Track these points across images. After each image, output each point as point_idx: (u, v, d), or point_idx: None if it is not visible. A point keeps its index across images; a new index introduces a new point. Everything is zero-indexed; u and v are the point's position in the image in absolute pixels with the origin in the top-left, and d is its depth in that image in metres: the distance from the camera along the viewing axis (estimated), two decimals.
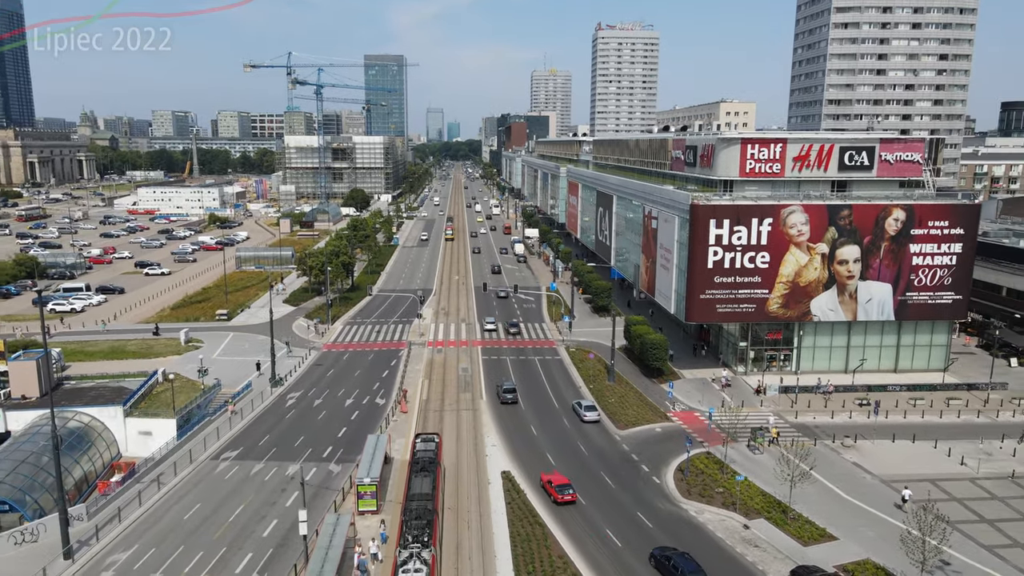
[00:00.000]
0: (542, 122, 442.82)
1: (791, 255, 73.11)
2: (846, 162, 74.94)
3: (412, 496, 45.34)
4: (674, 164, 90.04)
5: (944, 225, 73.56)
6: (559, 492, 50.11)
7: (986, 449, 58.41)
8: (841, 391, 71.66)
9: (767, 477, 53.16)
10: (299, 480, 45.15)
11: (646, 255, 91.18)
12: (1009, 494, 51.39)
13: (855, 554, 43.52)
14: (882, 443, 59.90)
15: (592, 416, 65.42)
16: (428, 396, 71.05)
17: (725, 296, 73.51)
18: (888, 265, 73.88)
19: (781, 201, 72.71)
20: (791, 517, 47.44)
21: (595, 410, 66.39)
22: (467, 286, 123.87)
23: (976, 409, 67.31)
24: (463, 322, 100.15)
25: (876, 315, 74.75)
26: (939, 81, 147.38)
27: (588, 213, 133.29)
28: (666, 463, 56.32)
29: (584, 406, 66.72)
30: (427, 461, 49.89)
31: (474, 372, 78.55)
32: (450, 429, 62.91)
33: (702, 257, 72.88)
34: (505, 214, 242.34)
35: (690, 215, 72.99)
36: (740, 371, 76.73)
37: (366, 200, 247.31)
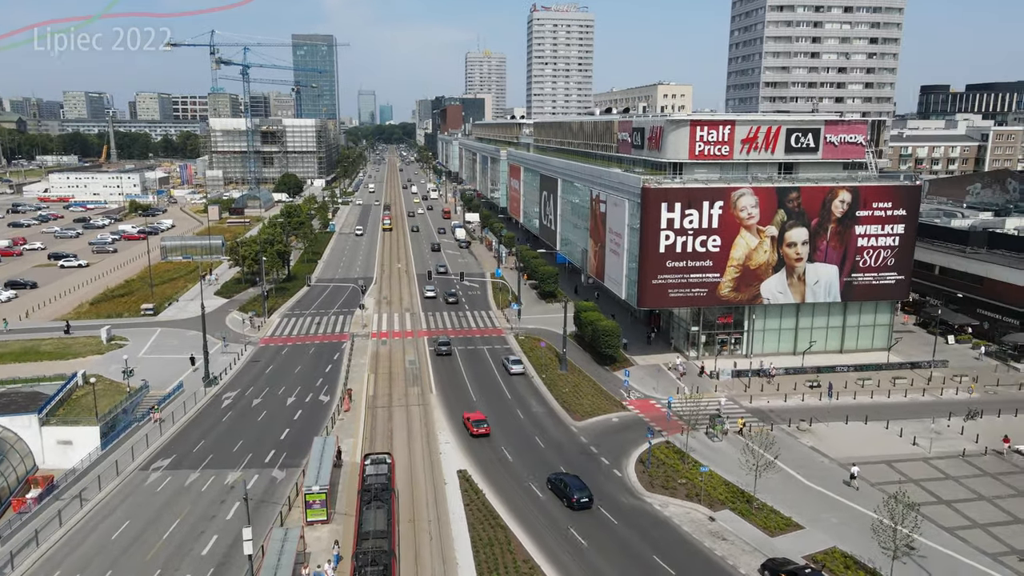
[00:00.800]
0: (478, 105, 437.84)
1: (742, 238, 72.61)
2: (792, 144, 74.77)
3: (364, 534, 39.50)
4: (621, 147, 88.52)
5: (888, 207, 74.33)
6: (475, 426, 57.94)
7: (935, 428, 59.17)
8: (792, 373, 71.83)
9: (728, 465, 52.33)
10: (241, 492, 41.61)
11: (594, 240, 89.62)
12: (962, 473, 51.97)
13: (822, 542, 42.94)
14: (836, 425, 60.01)
15: (518, 369, 73.21)
16: (375, 392, 67.77)
17: (677, 281, 72.54)
18: (835, 247, 74.25)
19: (731, 184, 72.02)
20: (756, 507, 46.62)
21: (520, 363, 74.39)
22: (409, 274, 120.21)
23: (921, 388, 68.42)
24: (407, 312, 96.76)
25: (823, 297, 75.19)
26: (870, 64, 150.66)
27: (531, 197, 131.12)
28: (626, 454, 54.87)
29: (511, 360, 74.42)
30: (379, 488, 43.81)
31: (422, 364, 75.55)
32: (400, 426, 59.94)
33: (654, 241, 71.64)
34: (444, 199, 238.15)
35: (641, 199, 71.53)
36: (692, 356, 76.13)
37: (299, 185, 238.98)
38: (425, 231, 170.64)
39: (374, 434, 58.35)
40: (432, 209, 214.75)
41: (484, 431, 57.58)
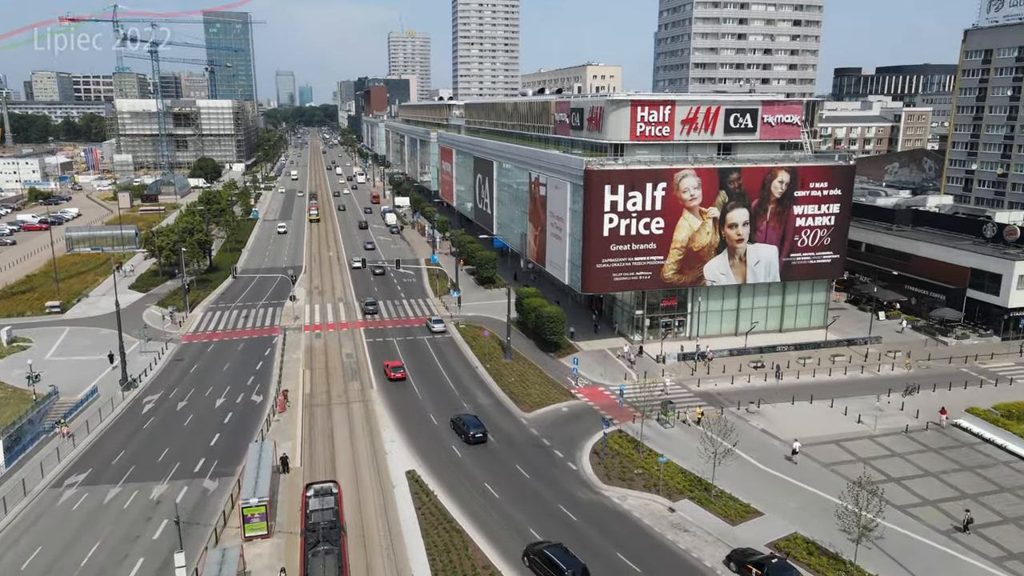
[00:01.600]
0: (402, 86, 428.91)
1: (684, 220, 71.95)
2: (731, 125, 74.40)
3: None
4: (558, 128, 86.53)
5: (824, 186, 75.07)
6: (393, 372, 65.71)
7: (877, 405, 60.06)
8: (735, 355, 71.94)
9: (684, 453, 51.51)
10: (169, 507, 37.89)
11: (534, 223, 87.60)
12: (907, 449, 52.73)
13: (783, 528, 42.48)
14: (783, 406, 60.16)
15: (439, 328, 79.36)
16: (311, 389, 64.01)
17: (621, 264, 71.35)
18: (774, 227, 74.56)
19: (674, 165, 71.10)
20: (714, 495, 45.84)
21: (441, 323, 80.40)
22: (341, 262, 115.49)
23: (859, 365, 69.60)
24: (340, 302, 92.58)
25: (764, 277, 75.54)
26: (793, 47, 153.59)
27: (465, 180, 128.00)
28: (579, 446, 53.32)
29: (433, 320, 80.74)
30: (327, 527, 38.00)
31: (360, 357, 72.04)
32: (341, 425, 56.59)
33: (597, 225, 70.11)
34: (371, 183, 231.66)
35: (584, 181, 69.79)
36: (637, 340, 75.30)
37: (217, 170, 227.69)
38: (352, 211, 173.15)
39: (313, 435, 54.85)
40: (357, 189, 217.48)
41: (400, 376, 65.77)
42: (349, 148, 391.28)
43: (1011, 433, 52.11)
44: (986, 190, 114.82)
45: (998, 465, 50.16)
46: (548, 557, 37.57)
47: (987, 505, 45.26)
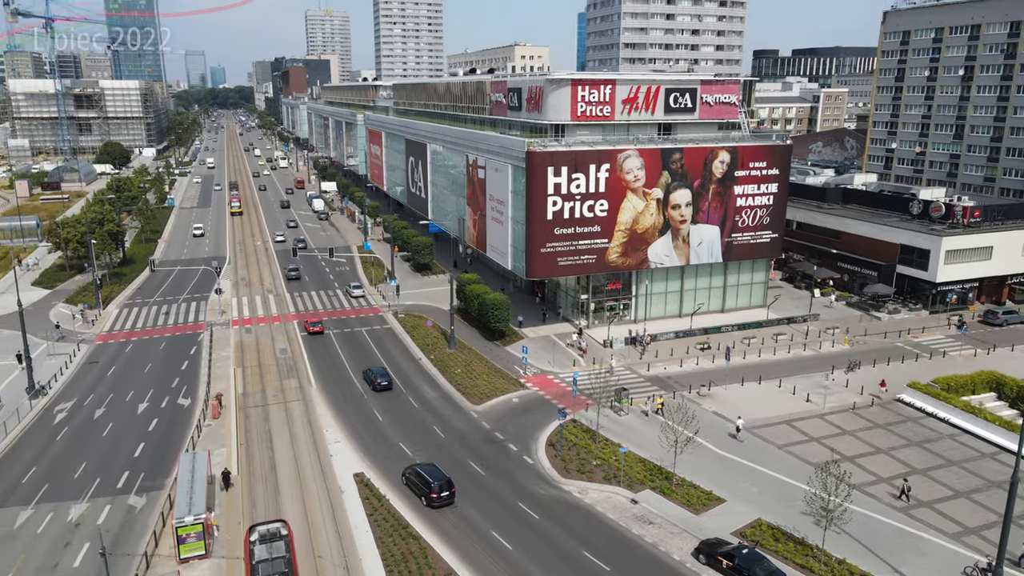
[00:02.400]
0: (323, 67, 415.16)
1: (628, 202, 70.81)
2: (671, 104, 73.51)
3: None
4: (495, 108, 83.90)
5: (763, 166, 75.27)
6: (312, 327, 72.30)
7: (823, 383, 60.62)
8: (681, 336, 71.60)
9: (640, 441, 50.46)
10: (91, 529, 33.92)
11: (472, 208, 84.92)
12: (856, 426, 53.24)
13: (746, 515, 41.87)
14: (733, 387, 59.98)
15: (359, 292, 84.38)
16: (245, 389, 59.87)
17: (566, 249, 69.69)
18: (716, 207, 74.37)
19: (617, 146, 69.73)
20: (676, 483, 44.88)
21: (361, 287, 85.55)
22: (268, 252, 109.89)
23: (801, 343, 70.35)
24: (270, 293, 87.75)
25: (706, 258, 75.38)
26: (720, 27, 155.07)
27: (396, 164, 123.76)
28: (534, 438, 51.53)
29: (352, 285, 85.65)
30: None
31: (295, 353, 68.09)
32: (280, 428, 52.95)
33: (541, 208, 68.15)
34: (295, 167, 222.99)
35: (526, 163, 67.56)
36: (583, 324, 74.02)
37: (125, 155, 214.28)
38: (273, 191, 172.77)
39: (250, 440, 51.06)
40: (277, 171, 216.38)
41: (318, 329, 72.33)
42: (268, 131, 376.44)
43: (953, 406, 53.25)
44: (905, 168, 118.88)
45: (943, 439, 51.17)
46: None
47: (938, 480, 45.97)
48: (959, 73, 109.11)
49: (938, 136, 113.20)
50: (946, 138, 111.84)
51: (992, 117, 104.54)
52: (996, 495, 44.01)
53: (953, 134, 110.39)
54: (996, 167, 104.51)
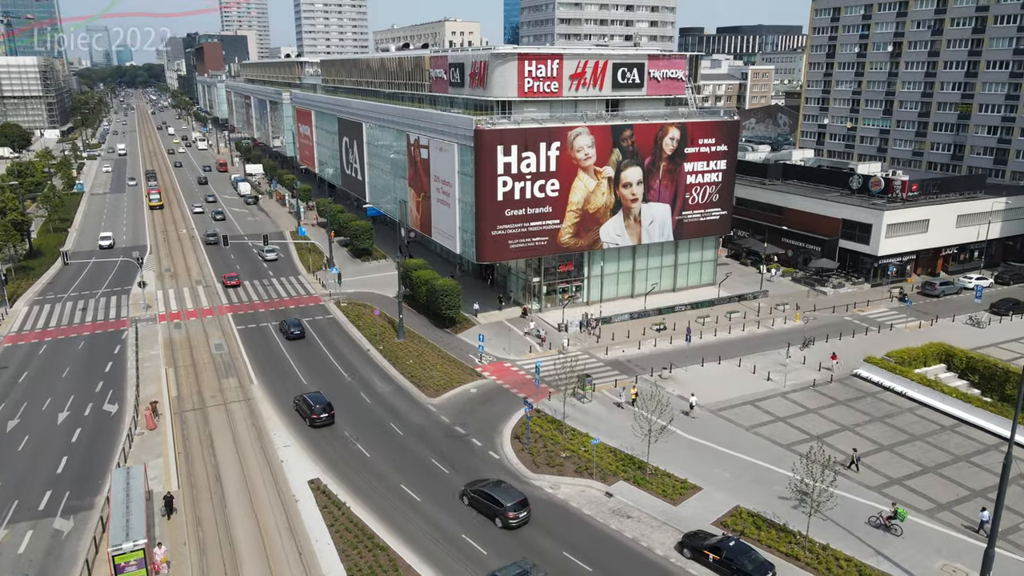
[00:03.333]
0: (240, 43, 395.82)
1: (580, 181, 68.75)
2: (619, 80, 71.62)
3: None
4: (435, 85, 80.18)
5: (712, 142, 74.44)
6: (229, 280, 77.96)
7: (780, 361, 60.39)
8: (636, 318, 70.39)
9: (608, 429, 48.83)
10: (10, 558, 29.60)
11: (415, 189, 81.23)
12: (819, 404, 53.08)
13: (724, 503, 40.73)
14: (694, 369, 59.08)
15: (272, 256, 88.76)
16: (179, 391, 55.17)
17: (517, 231, 67.21)
18: (667, 185, 73.21)
19: (567, 123, 67.42)
20: (650, 473, 43.40)
21: (274, 250, 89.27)
22: (194, 239, 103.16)
23: (754, 321, 70.21)
24: (199, 284, 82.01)
25: (658, 237, 74.27)
26: (653, 3, 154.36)
27: (328, 144, 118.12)
28: (498, 431, 49.16)
29: (266, 249, 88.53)
30: None
31: (232, 348, 63.45)
32: (221, 432, 48.82)
33: (490, 189, 65.33)
34: (215, 149, 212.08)
35: (475, 142, 64.53)
36: (535, 309, 71.89)
37: (25, 138, 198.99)
38: (189, 168, 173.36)
39: (189, 449, 46.82)
40: (192, 147, 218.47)
41: (235, 283, 77.99)
42: (183, 111, 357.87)
43: (909, 380, 53.73)
44: (837, 143, 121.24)
45: (903, 413, 51.52)
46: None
47: (905, 456, 46.06)
48: (888, 49, 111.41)
49: (868, 111, 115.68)
50: (876, 113, 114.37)
51: (920, 92, 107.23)
52: (962, 469, 44.37)
53: (883, 109, 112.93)
54: (924, 141, 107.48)
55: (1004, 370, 54.85)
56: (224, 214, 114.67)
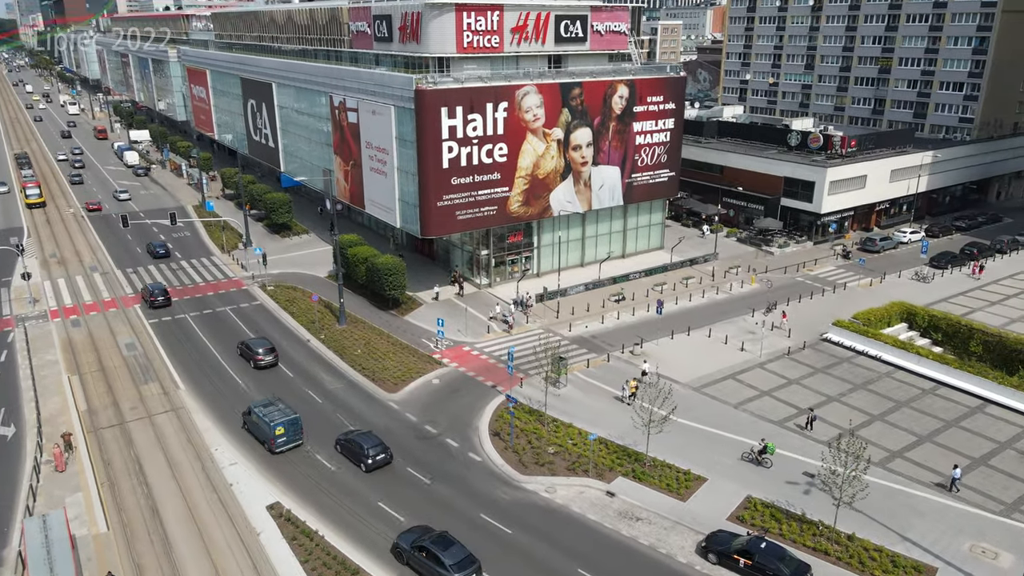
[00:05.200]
0: None
1: (528, 144, 63.73)
2: (562, 33, 66.53)
3: None
4: (356, 40, 72.41)
5: (660, 100, 70.98)
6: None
7: (748, 328, 58.39)
8: (591, 288, 66.73)
9: (592, 417, 45.15)
10: None
11: (343, 158, 73.67)
12: (798, 374, 51.30)
13: (734, 494, 37.93)
14: (664, 342, 56.13)
15: (125, 196, 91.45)
16: (90, 404, 47.04)
17: (465, 200, 61.69)
18: (616, 147, 69.31)
19: (514, 82, 61.90)
20: (648, 465, 40.04)
21: (126, 191, 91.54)
22: (79, 218, 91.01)
23: (710, 286, 68.00)
24: (95, 271, 71.84)
25: (608, 201, 70.56)
26: None
27: (229, 108, 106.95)
28: (473, 428, 44.42)
29: (119, 190, 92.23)
30: None
31: (147, 347, 55.20)
32: (150, 452, 41.58)
33: (435, 155, 59.32)
34: (89, 113, 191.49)
35: (416, 104, 58.11)
36: (483, 284, 66.91)
37: None
38: (51, 122, 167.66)
39: (113, 477, 39.48)
40: (53, 102, 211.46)
41: (97, 208, 76.91)
42: (45, 72, 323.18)
43: (883, 343, 52.78)
44: (759, 99, 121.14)
45: (882, 378, 50.48)
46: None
47: (897, 425, 44.79)
48: (808, 3, 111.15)
49: (790, 67, 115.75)
50: (798, 68, 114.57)
51: (841, 47, 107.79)
52: (956, 435, 43.51)
53: (805, 64, 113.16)
54: (845, 96, 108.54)
55: (967, 327, 54.88)
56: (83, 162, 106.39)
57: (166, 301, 62.20)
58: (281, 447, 41.08)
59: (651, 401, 39.15)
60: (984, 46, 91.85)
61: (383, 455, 39.74)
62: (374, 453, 39.49)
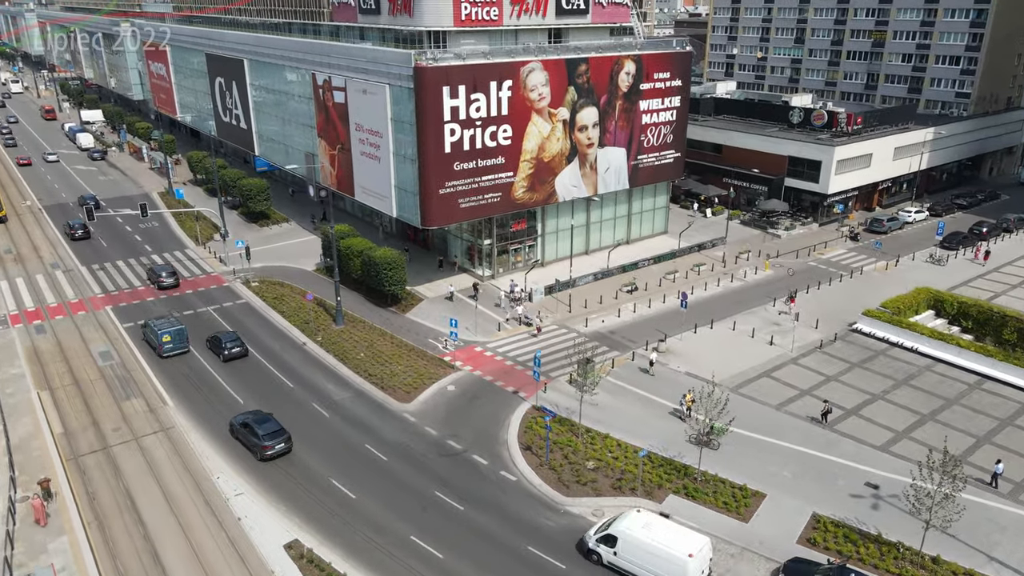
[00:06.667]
0: None
1: (534, 125, 59.35)
2: (563, 5, 61.95)
3: None
4: (338, 12, 67.04)
5: (666, 77, 67.10)
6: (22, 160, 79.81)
7: (772, 319, 55.43)
8: (601, 278, 63.03)
9: (625, 424, 41.75)
10: None
11: (327, 140, 68.22)
12: (834, 369, 48.45)
13: (799, 512, 34.84)
14: (688, 336, 52.79)
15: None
16: (66, 425, 41.80)
17: (468, 187, 57.18)
18: (622, 127, 65.33)
19: (518, 58, 57.28)
20: (699, 480, 36.73)
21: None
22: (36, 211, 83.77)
23: (724, 273, 64.80)
24: (57, 269, 65.57)
25: (614, 185, 66.71)
26: None
27: (193, 86, 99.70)
28: (500, 441, 40.53)
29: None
30: None
31: (125, 355, 49.79)
32: (142, 484, 36.75)
33: (437, 139, 54.58)
34: (34, 92, 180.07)
35: (415, 82, 53.17)
36: (486, 276, 62.65)
37: None
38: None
39: (102, 515, 34.61)
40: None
41: (27, 161, 74.66)
42: None
43: (918, 333, 50.22)
44: (747, 74, 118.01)
45: (923, 372, 47.92)
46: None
47: (951, 425, 42.18)
48: None
49: (779, 40, 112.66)
50: (787, 42, 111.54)
51: (833, 20, 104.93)
52: (1015, 435, 41.12)
53: (794, 38, 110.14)
54: (837, 71, 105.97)
55: (1000, 314, 52.60)
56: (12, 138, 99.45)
57: (175, 282, 60.98)
58: (168, 352, 48.86)
59: (707, 412, 35.66)
60: (982, 19, 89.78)
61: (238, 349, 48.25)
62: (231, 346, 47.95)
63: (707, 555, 29.89)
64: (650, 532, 30.19)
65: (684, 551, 29.02)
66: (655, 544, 29.56)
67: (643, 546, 29.78)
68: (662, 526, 30.76)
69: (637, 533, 30.15)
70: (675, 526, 31.30)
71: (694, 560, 28.85)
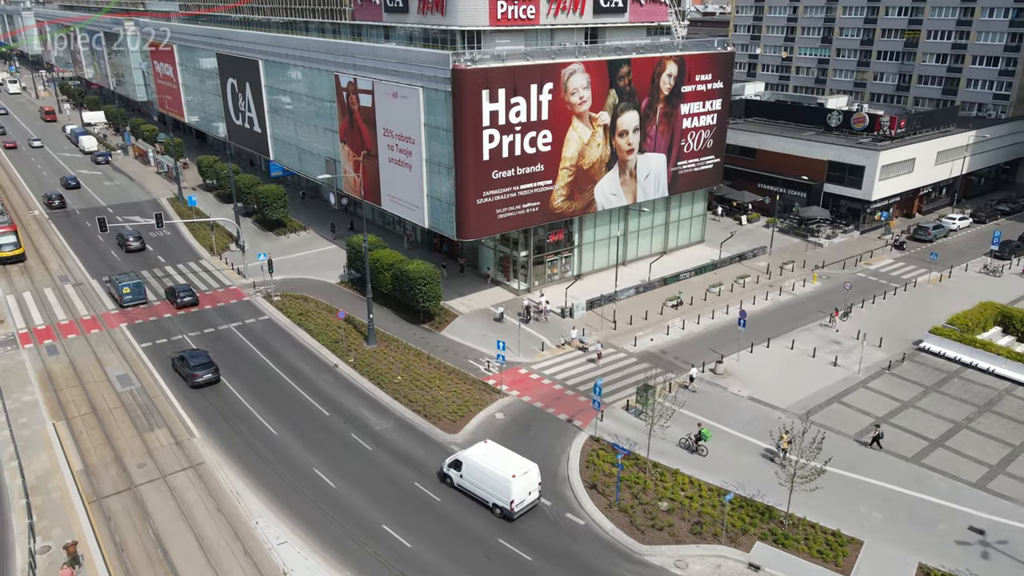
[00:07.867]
0: None
1: (574, 131, 56.08)
2: (601, 4, 58.74)
3: None
4: (360, 11, 63.68)
5: (708, 79, 63.88)
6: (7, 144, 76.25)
7: (830, 337, 52.22)
8: (643, 291, 59.77)
9: (694, 457, 38.31)
10: None
11: (351, 146, 64.79)
12: (908, 394, 45.22)
13: (902, 563, 31.55)
14: (744, 356, 49.50)
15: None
16: (85, 461, 38.34)
17: (506, 197, 53.87)
18: (663, 132, 62.11)
19: (559, 59, 53.96)
20: (788, 525, 33.47)
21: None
22: (42, 221, 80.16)
23: (769, 286, 61.60)
24: (68, 283, 62.01)
25: (653, 192, 63.50)
26: None
27: (202, 87, 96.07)
28: (560, 479, 37.20)
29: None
30: None
31: (146, 380, 46.32)
32: (174, 529, 33.35)
33: (475, 146, 51.25)
34: (32, 92, 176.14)
35: (453, 85, 49.81)
36: (522, 289, 59.31)
37: None
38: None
39: (131, 566, 31.21)
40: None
41: (12, 145, 71.13)
42: None
43: (993, 354, 47.09)
44: (770, 75, 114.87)
45: (1005, 396, 44.76)
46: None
47: None
48: None
49: (805, 40, 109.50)
50: (814, 42, 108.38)
51: (863, 19, 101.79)
52: None
53: (821, 37, 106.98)
54: (867, 71, 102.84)
55: None
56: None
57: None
58: (128, 303, 55.72)
59: (801, 452, 32.39)
60: (1022, 17, 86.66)
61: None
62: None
63: (535, 479, 34.09)
64: (487, 458, 34.60)
65: (509, 472, 33.19)
66: (488, 467, 33.96)
67: (480, 469, 34.31)
68: (497, 454, 35.10)
69: (477, 459, 34.68)
70: (509, 453, 35.25)
71: (517, 480, 33.03)
